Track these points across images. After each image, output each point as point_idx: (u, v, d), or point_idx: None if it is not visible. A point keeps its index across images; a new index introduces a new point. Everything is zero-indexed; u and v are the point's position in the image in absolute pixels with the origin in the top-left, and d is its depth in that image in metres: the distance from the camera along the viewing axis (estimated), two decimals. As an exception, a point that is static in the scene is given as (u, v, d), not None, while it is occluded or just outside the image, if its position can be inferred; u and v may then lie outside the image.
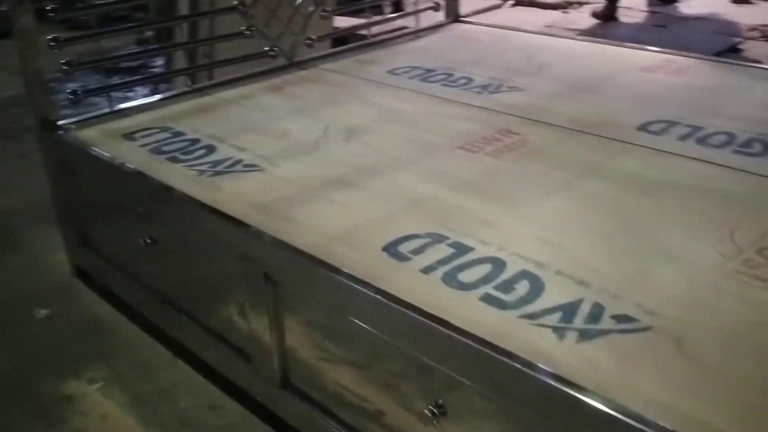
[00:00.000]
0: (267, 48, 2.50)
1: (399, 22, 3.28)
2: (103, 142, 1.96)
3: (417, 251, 1.37)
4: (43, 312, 2.11)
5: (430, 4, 3.03)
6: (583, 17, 4.30)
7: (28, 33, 1.98)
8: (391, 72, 2.48)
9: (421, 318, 1.18)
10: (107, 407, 1.74)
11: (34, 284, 2.25)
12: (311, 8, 2.59)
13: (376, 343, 1.32)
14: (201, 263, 1.71)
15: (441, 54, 2.67)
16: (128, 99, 2.34)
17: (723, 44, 3.48)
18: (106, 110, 2.17)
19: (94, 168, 1.94)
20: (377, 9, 3.80)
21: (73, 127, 2.05)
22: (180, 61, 3.68)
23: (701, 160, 1.72)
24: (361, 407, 1.41)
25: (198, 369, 1.82)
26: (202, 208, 1.58)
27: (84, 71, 2.28)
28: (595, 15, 4.41)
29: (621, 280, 1.26)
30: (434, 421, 1.22)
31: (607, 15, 4.35)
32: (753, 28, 3.78)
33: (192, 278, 1.78)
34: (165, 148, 1.90)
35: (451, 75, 2.42)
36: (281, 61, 2.55)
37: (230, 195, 1.64)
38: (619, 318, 1.16)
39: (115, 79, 2.55)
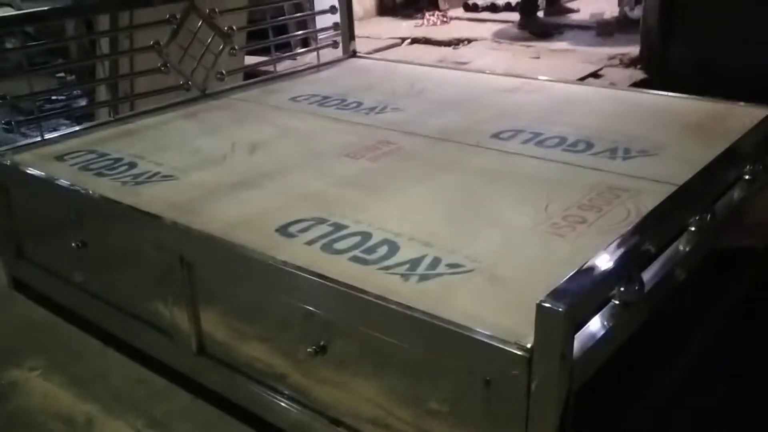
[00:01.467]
0: (182, 82, 2.84)
1: (304, 59, 3.68)
2: (37, 163, 2.25)
3: (303, 230, 1.72)
4: (-18, 318, 2.35)
5: (330, 42, 3.43)
6: (469, 51, 4.81)
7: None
8: (293, 99, 2.86)
9: (302, 273, 1.53)
10: (47, 388, 2.01)
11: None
12: (220, 47, 2.94)
13: (269, 302, 1.66)
14: (125, 258, 2.01)
15: (337, 83, 3.06)
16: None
17: (585, 71, 4.01)
18: (38, 139, 2.45)
19: (30, 186, 2.23)
20: (285, 47, 4.19)
21: (8, 152, 2.33)
22: (103, 97, 3.98)
23: (536, 157, 2.14)
24: (266, 367, 1.74)
25: (127, 354, 2.11)
26: (124, 209, 1.89)
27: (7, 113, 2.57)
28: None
29: (456, 241, 1.64)
30: (316, 358, 1.56)
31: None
32: (613, 57, 4.34)
33: (119, 273, 2.08)
34: (92, 166, 2.20)
35: (344, 100, 2.80)
36: (195, 93, 2.88)
37: (149, 199, 1.95)
38: (451, 265, 1.53)
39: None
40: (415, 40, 5.20)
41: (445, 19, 5.82)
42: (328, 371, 1.60)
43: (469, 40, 4.95)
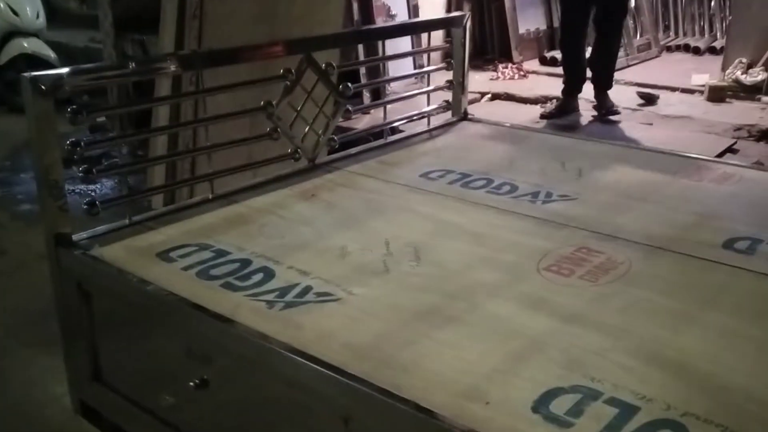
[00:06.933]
0: (290, 150, 2.30)
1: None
2: (136, 263, 1.69)
3: (574, 412, 1.17)
4: (45, 463, 1.77)
5: (443, 104, 2.92)
6: (563, 112, 4.33)
7: (44, 120, 1.71)
8: (425, 176, 2.32)
9: None
10: None
11: (27, 426, 1.91)
12: (333, 108, 2.42)
13: None
14: (276, 418, 1.44)
15: (467, 156, 2.53)
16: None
17: (721, 145, 3.52)
18: (125, 222, 1.90)
19: (129, 297, 1.65)
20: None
21: (93, 244, 1.77)
22: (160, 151, 3.44)
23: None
24: None
25: None
26: (290, 355, 1.33)
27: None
28: (546, 116, 4.36)
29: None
30: None
31: (562, 111, 4.34)
32: (739, 128, 3.86)
33: (250, 426, 1.51)
34: (214, 272, 1.65)
35: (491, 180, 2.27)
36: (303, 163, 2.35)
37: (315, 334, 1.40)
38: None
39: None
40: (495, 96, 4.71)
41: (522, 73, 5.34)
42: None
43: (558, 99, 4.45)
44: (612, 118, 4.15)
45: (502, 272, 1.67)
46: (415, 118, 2.86)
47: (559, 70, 4.79)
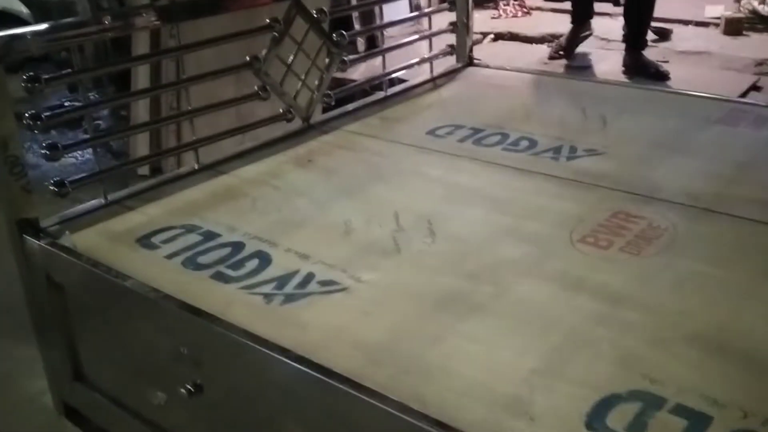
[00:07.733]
0: (282, 110, 2.07)
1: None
2: (113, 252, 1.48)
3: (636, 427, 0.98)
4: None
5: (447, 49, 2.66)
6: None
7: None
8: (432, 133, 2.09)
9: None
10: None
11: (4, 426, 1.73)
12: (327, 60, 2.17)
13: None
14: (276, 428, 1.25)
15: (477, 108, 2.30)
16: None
17: (743, 83, 3.28)
18: (101, 201, 1.68)
19: (108, 293, 1.44)
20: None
21: (63, 230, 1.56)
22: (142, 113, 3.21)
23: None
24: None
25: None
26: (293, 363, 1.13)
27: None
28: (555, 56, 3.97)
29: None
30: None
31: (572, 45, 3.97)
32: (760, 63, 3.61)
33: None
34: (202, 259, 1.44)
35: (506, 135, 2.05)
36: (296, 124, 2.12)
37: (321, 334, 1.21)
38: None
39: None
40: (498, 36, 4.42)
41: (525, 10, 5.03)
42: None
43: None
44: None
45: (530, 245, 1.47)
46: (416, 65, 2.61)
47: (565, 5, 4.50)
